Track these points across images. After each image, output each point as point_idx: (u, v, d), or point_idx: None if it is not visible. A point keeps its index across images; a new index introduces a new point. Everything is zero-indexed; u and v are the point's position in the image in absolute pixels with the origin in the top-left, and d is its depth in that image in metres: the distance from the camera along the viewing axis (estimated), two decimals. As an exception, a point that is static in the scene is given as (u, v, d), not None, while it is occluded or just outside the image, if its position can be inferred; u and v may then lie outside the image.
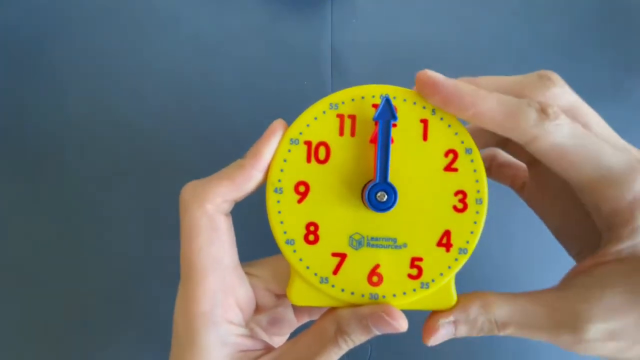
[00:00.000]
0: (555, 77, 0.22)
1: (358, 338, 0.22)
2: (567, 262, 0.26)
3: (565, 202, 0.25)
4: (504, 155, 0.28)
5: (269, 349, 0.23)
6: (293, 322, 0.27)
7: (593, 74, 0.38)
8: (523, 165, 0.27)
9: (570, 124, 0.20)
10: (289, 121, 0.23)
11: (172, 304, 0.34)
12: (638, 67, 0.37)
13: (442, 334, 0.22)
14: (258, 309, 0.25)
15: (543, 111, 0.20)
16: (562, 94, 0.22)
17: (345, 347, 0.22)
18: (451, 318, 0.22)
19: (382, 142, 0.21)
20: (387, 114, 0.21)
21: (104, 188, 0.35)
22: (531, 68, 0.37)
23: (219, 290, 0.22)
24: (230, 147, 0.36)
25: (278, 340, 0.27)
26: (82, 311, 0.34)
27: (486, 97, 0.20)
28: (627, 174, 0.20)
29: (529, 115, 0.20)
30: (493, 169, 0.28)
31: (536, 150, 0.21)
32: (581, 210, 0.23)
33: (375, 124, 0.21)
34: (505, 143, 0.26)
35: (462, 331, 0.22)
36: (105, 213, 0.35)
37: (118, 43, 0.37)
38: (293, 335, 0.26)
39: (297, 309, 0.27)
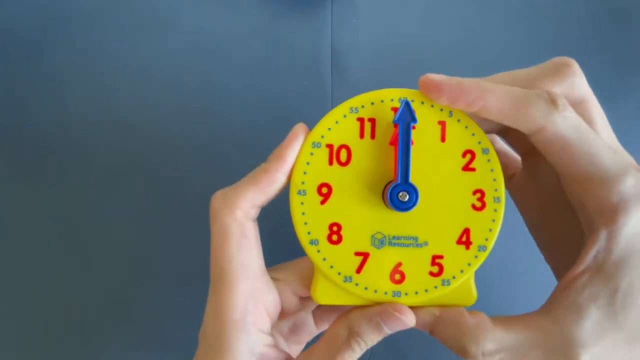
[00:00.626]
0: (573, 64, 0.22)
1: (370, 338, 0.22)
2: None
3: (549, 198, 0.25)
4: (500, 143, 0.28)
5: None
6: (313, 330, 0.27)
7: (593, 74, 0.38)
8: (517, 157, 0.27)
9: (576, 117, 0.21)
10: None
11: (172, 305, 0.34)
12: (638, 67, 0.38)
13: (421, 317, 0.22)
14: (282, 314, 0.25)
15: (552, 102, 0.20)
16: (578, 83, 0.22)
17: (358, 350, 0.22)
18: (436, 313, 0.22)
19: (403, 144, 0.22)
20: (407, 116, 0.22)
21: (103, 188, 0.35)
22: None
23: (250, 297, 0.22)
24: (230, 146, 0.36)
25: (296, 349, 0.27)
26: (82, 312, 0.34)
27: (493, 89, 0.21)
28: (617, 176, 0.21)
29: (539, 106, 0.20)
30: None
31: (541, 140, 0.21)
32: (564, 208, 0.24)
33: (395, 126, 0.22)
34: (505, 132, 0.26)
35: (440, 332, 0.22)
36: (105, 213, 0.35)
37: (118, 43, 0.37)
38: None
39: (317, 316, 0.27)
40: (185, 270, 0.34)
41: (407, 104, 0.22)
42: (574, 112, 0.21)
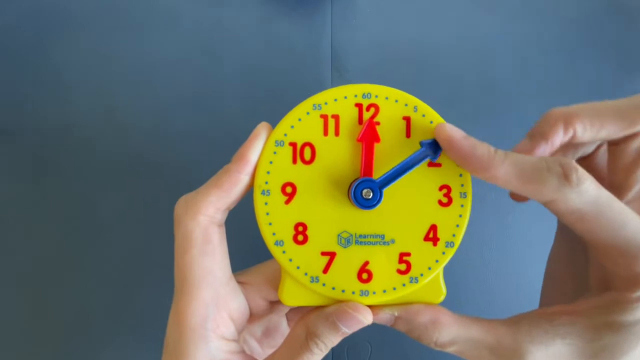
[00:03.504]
0: None
1: (329, 339, 0.22)
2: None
3: (571, 242, 0.24)
4: None
5: None
6: (286, 333, 0.27)
7: (593, 74, 0.38)
8: None
9: (594, 191, 0.20)
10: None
11: (170, 306, 0.34)
12: (638, 67, 0.37)
13: (381, 317, 0.22)
14: (252, 317, 0.25)
15: (565, 177, 0.19)
16: None
17: (317, 352, 0.22)
18: (395, 313, 0.22)
19: (405, 165, 0.22)
20: (429, 153, 0.22)
21: (103, 188, 0.35)
22: (531, 68, 0.37)
23: (211, 304, 0.22)
24: (230, 146, 0.36)
25: (270, 352, 0.27)
26: (82, 312, 0.34)
27: (502, 162, 0.20)
28: None
29: (549, 182, 0.19)
30: None
31: (554, 210, 0.20)
32: (580, 257, 0.23)
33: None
34: None
35: (400, 328, 0.22)
36: (105, 213, 0.35)
37: (118, 43, 0.37)
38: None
39: (290, 318, 0.27)
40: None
41: (431, 144, 0.22)
42: (594, 184, 0.20)
